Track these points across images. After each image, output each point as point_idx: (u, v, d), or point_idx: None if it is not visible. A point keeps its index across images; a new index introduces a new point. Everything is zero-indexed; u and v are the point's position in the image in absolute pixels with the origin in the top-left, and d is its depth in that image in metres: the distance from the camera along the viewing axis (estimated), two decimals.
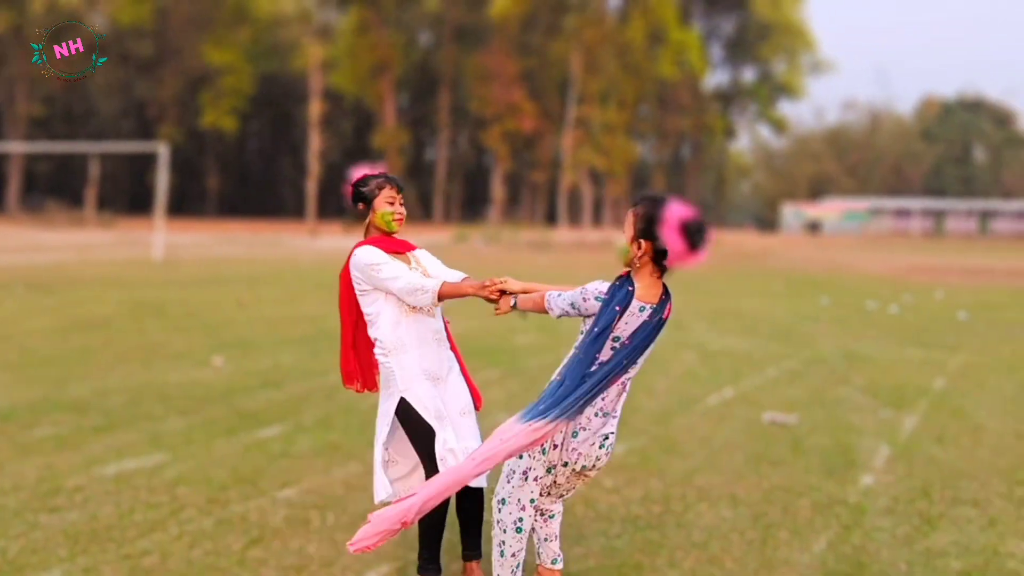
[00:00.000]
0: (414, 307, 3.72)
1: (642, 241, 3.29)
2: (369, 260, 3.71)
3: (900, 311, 16.42)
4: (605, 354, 3.31)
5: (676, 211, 3.18)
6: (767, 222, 78.45)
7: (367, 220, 3.87)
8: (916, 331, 13.49)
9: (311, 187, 64.48)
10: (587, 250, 38.12)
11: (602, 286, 3.35)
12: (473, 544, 3.92)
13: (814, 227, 71.76)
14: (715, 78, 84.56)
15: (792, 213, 75.15)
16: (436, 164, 75.68)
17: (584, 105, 64.71)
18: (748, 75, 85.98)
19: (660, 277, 3.36)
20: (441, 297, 3.63)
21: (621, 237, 3.36)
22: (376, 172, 3.89)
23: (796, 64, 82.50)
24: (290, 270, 23.43)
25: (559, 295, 3.43)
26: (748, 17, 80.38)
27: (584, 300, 3.35)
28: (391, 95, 70.50)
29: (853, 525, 4.90)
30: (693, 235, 3.17)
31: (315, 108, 64.05)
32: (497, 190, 68.90)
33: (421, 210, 77.48)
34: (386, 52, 67.56)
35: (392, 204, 3.82)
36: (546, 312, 3.45)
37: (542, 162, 68.97)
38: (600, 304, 3.31)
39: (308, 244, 39.72)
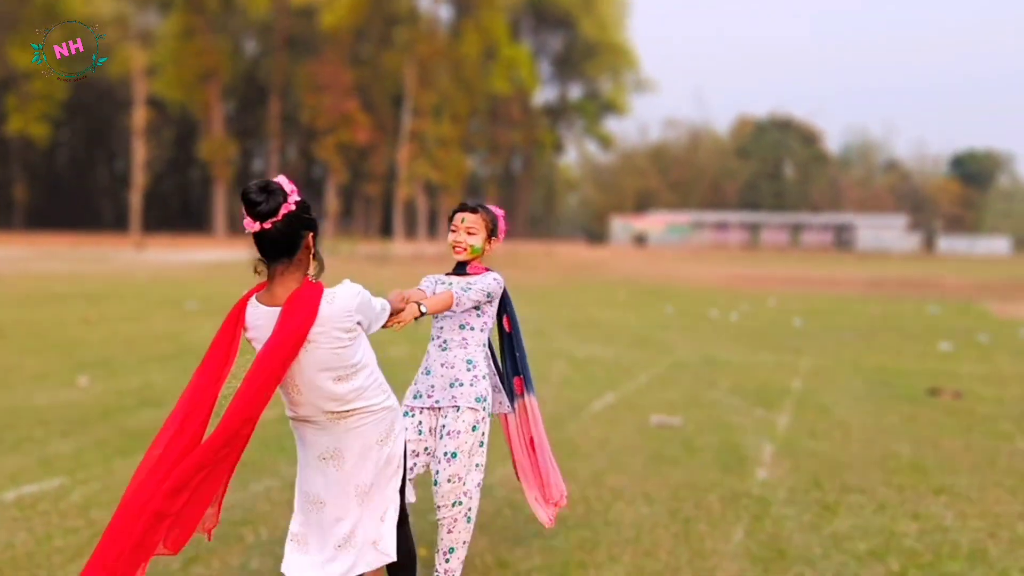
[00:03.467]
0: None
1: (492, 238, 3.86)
2: None
3: (740, 318, 17.42)
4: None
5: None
6: (596, 234, 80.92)
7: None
8: (760, 337, 14.38)
9: (135, 199, 61.57)
10: (426, 262, 38.19)
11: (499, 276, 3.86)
12: None
13: (640, 239, 74.59)
14: (544, 94, 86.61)
15: (620, 226, 77.85)
16: (266, 175, 73.85)
17: (418, 118, 64.92)
18: (575, 92, 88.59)
19: None
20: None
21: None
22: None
23: (620, 82, 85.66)
24: (127, 286, 22.37)
25: (465, 291, 3.73)
26: (575, 36, 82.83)
27: (498, 287, 3.83)
28: (218, 103, 68.38)
29: (762, 515, 5.27)
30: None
31: (139, 116, 61.26)
32: (331, 202, 67.99)
33: None
34: (212, 59, 65.49)
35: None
36: (450, 309, 3.71)
37: (376, 174, 68.62)
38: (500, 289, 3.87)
39: (136, 258, 37.95)
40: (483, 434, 3.80)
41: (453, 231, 3.82)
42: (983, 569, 4.46)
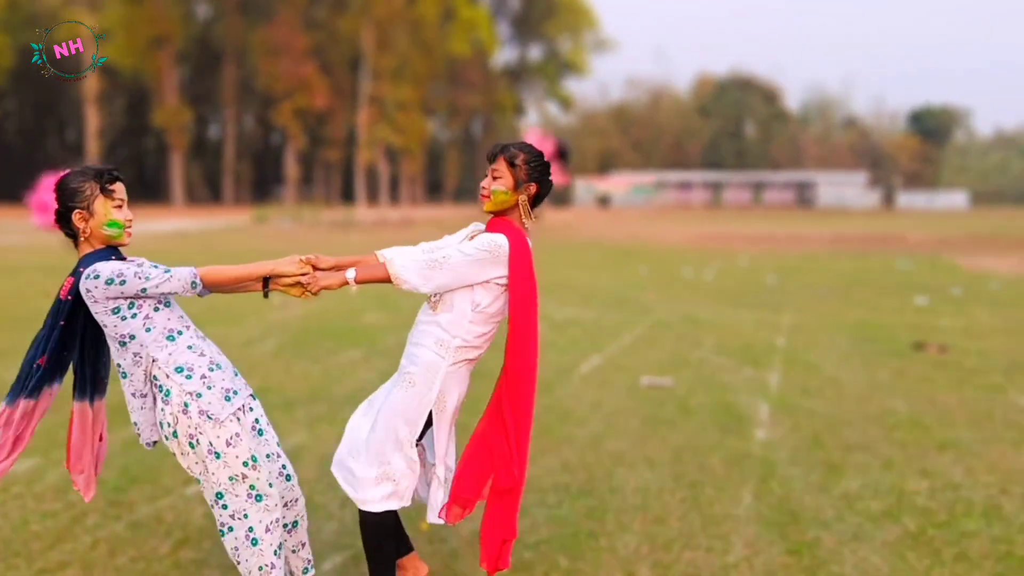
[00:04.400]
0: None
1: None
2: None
3: (714, 277, 17.34)
4: None
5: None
6: (559, 197, 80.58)
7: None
8: (736, 295, 14.29)
9: None
10: (391, 228, 37.78)
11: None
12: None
13: (604, 201, 74.46)
14: (503, 56, 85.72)
15: (583, 187, 77.61)
16: (223, 143, 72.49)
17: (377, 81, 63.97)
18: (535, 53, 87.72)
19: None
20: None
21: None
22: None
23: (580, 42, 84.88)
24: None
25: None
26: None
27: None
28: (171, 70, 66.81)
29: (768, 477, 5.13)
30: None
31: (90, 83, 59.67)
32: (290, 169, 66.99)
33: (209, 192, 74.13)
34: (164, 24, 63.85)
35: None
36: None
37: (336, 140, 67.63)
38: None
39: None
40: None
41: (118, 208, 3.03)
42: (1001, 526, 4.36)
